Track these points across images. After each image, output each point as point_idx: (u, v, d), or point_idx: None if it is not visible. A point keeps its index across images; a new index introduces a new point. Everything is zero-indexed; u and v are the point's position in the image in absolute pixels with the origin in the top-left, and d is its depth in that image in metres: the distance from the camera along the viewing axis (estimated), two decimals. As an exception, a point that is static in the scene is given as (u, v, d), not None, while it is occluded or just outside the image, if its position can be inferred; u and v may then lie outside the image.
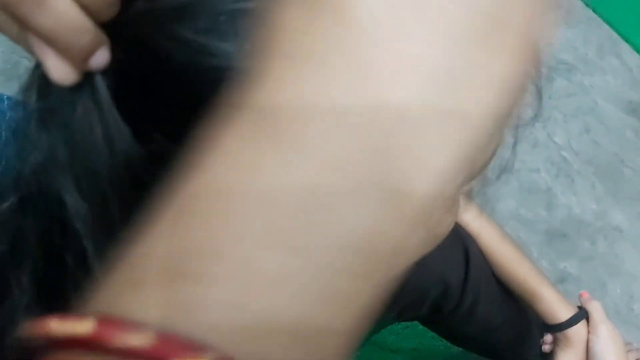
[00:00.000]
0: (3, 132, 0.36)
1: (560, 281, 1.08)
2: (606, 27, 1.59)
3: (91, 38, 0.22)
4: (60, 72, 0.23)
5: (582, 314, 0.67)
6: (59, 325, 0.14)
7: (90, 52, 0.23)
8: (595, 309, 0.68)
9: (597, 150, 1.29)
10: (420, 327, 0.79)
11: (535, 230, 1.15)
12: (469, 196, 0.37)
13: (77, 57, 0.22)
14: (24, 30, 0.22)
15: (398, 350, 0.87)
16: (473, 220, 0.70)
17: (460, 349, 0.82)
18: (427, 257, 0.36)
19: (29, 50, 0.23)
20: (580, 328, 0.66)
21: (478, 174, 0.31)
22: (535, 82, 0.29)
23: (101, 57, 0.23)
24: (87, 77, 0.24)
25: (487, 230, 0.69)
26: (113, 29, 0.23)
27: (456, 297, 0.67)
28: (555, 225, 1.16)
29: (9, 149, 0.34)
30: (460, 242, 0.67)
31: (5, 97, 0.44)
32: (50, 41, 0.21)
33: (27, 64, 0.29)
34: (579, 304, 0.70)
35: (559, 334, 0.67)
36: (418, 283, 0.62)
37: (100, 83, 0.24)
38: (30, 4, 0.20)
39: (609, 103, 1.40)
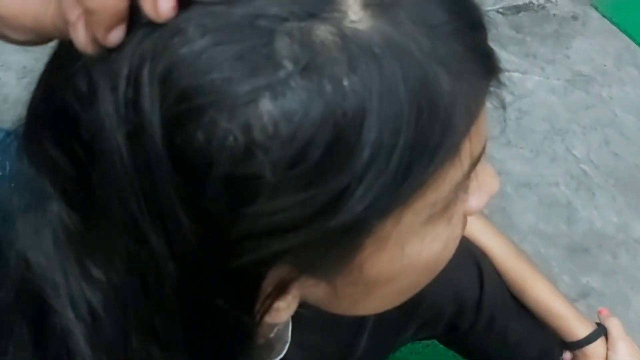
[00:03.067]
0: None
1: (583, 296, 1.06)
2: (624, 37, 1.58)
3: (120, 6, 0.23)
4: (85, 39, 0.24)
5: (600, 331, 0.66)
6: None
7: (114, 24, 0.24)
8: (614, 325, 0.67)
9: (618, 162, 1.27)
10: (441, 346, 0.79)
11: (556, 245, 1.14)
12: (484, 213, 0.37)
13: (103, 21, 0.23)
14: None
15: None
16: (486, 237, 0.70)
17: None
18: (440, 276, 0.37)
19: (57, 27, 0.25)
20: (598, 345, 0.65)
21: None
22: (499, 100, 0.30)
23: (119, 33, 0.24)
24: None
25: (500, 246, 0.69)
26: None
27: (472, 316, 0.67)
28: (576, 239, 1.14)
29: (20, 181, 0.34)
30: (472, 259, 0.67)
31: (17, 129, 0.47)
32: None
33: None
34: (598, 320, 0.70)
35: (577, 352, 0.67)
36: (432, 302, 0.63)
37: None
38: None
39: (628, 114, 1.38)
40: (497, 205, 1.20)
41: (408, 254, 0.29)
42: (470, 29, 0.27)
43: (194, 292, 0.27)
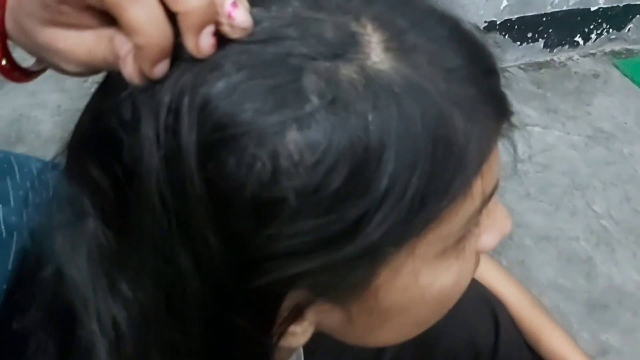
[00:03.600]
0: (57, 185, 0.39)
1: (601, 354, 1.04)
2: (645, 96, 1.60)
3: (166, 42, 0.26)
4: (133, 72, 0.26)
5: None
6: None
7: (159, 59, 0.26)
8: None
9: (638, 219, 1.27)
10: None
11: (575, 300, 1.12)
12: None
13: (149, 56, 0.25)
14: (112, 33, 0.26)
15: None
16: (502, 285, 0.70)
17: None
18: (456, 321, 0.38)
19: (107, 61, 0.27)
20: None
21: None
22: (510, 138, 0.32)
23: (163, 67, 0.26)
24: None
25: (517, 295, 0.69)
26: None
27: (486, 364, 0.66)
28: (595, 295, 1.13)
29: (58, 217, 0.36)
30: (488, 307, 0.67)
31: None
32: (136, 33, 0.25)
33: None
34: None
35: (594, 407, 0.65)
36: (448, 346, 0.62)
37: None
38: None
39: (649, 172, 1.38)
40: (516, 258, 1.20)
41: (421, 284, 0.31)
42: (484, 74, 0.29)
43: (216, 311, 0.28)
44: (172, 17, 0.25)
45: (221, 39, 0.26)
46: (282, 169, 0.25)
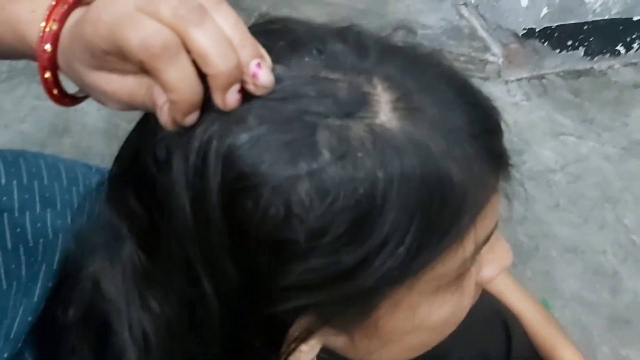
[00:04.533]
0: (99, 203, 0.43)
1: (621, 369, 1.05)
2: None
3: (197, 98, 0.29)
4: (167, 119, 0.30)
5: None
6: None
7: (190, 111, 0.29)
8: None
9: (669, 236, 1.26)
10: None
11: (597, 314, 1.13)
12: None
13: (182, 109, 0.29)
14: (151, 82, 0.30)
15: None
16: (516, 299, 0.71)
17: None
18: (466, 335, 0.40)
19: (146, 106, 0.31)
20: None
21: None
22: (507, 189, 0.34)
23: (193, 118, 0.30)
24: None
25: (530, 309, 0.71)
26: None
27: (498, 376, 0.68)
28: (619, 310, 1.13)
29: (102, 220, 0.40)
30: (501, 320, 0.69)
31: (106, 170, 0.53)
32: (170, 91, 0.29)
33: (125, 125, 0.37)
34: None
35: None
36: (458, 358, 0.65)
37: None
38: (166, 59, 0.28)
39: (684, 187, 1.36)
40: (541, 269, 1.20)
41: (419, 315, 0.34)
42: (484, 134, 0.32)
43: (232, 330, 0.32)
44: (202, 74, 0.29)
45: (246, 94, 0.29)
46: (293, 214, 0.29)
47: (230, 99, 0.29)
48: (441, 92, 0.31)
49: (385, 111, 0.30)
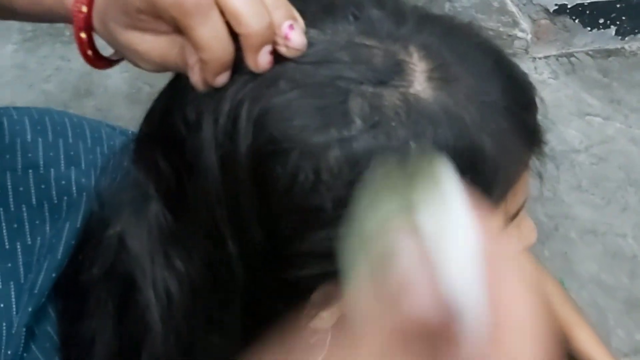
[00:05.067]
0: (125, 163, 0.43)
1: (635, 352, 1.04)
2: None
3: (228, 58, 0.29)
4: (198, 80, 0.30)
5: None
6: None
7: (220, 71, 0.29)
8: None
9: (692, 222, 1.24)
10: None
11: (614, 297, 1.12)
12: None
13: (213, 69, 0.29)
14: (183, 41, 0.29)
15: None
16: (537, 280, 0.71)
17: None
18: None
19: (178, 66, 0.31)
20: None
21: None
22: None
23: (224, 78, 0.30)
24: None
25: (548, 290, 0.71)
26: None
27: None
28: (636, 294, 1.12)
29: (123, 183, 0.40)
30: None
31: (130, 132, 0.54)
32: (202, 49, 0.28)
33: (148, 89, 0.37)
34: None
35: (614, 405, 0.67)
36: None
37: None
38: (198, 16, 0.27)
39: None
40: (560, 249, 1.19)
41: None
42: (519, 108, 0.31)
43: (254, 292, 0.32)
44: (234, 34, 0.28)
45: (278, 58, 0.29)
46: (322, 181, 0.28)
47: (262, 59, 0.28)
48: (478, 64, 0.31)
49: (420, 80, 0.29)
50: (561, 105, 1.46)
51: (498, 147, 0.30)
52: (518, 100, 0.31)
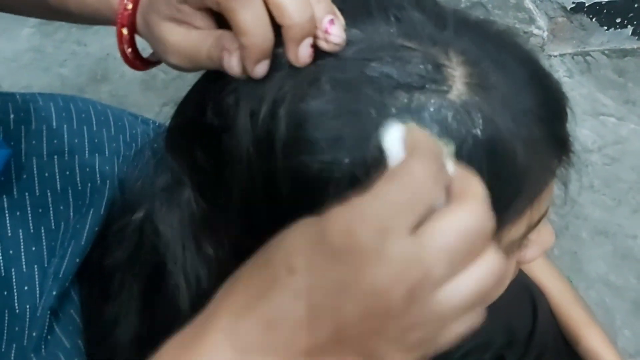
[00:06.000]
0: (147, 152, 0.44)
1: (640, 354, 1.05)
2: None
3: (268, 45, 0.29)
4: (237, 67, 0.30)
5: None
6: None
7: (260, 59, 0.30)
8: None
9: None
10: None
11: (622, 298, 1.12)
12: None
13: (253, 55, 0.29)
14: (221, 32, 0.30)
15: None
16: (547, 278, 0.72)
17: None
18: (494, 305, 0.41)
19: (210, 59, 0.31)
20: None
21: None
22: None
23: (263, 67, 0.30)
24: None
25: (559, 289, 0.71)
26: None
27: (521, 349, 0.69)
28: (645, 296, 1.12)
29: (149, 167, 0.41)
30: (529, 295, 0.69)
31: (151, 120, 0.54)
32: (243, 33, 0.29)
33: (163, 76, 0.37)
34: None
35: (620, 405, 0.67)
36: (483, 329, 0.65)
37: None
38: (242, 0, 0.28)
39: None
40: (569, 249, 1.19)
41: None
42: (552, 118, 0.32)
43: None
44: (275, 26, 0.29)
45: (317, 53, 0.30)
46: (359, 182, 0.29)
47: (302, 52, 0.29)
48: (515, 72, 0.31)
49: (458, 86, 0.30)
50: (575, 104, 1.45)
51: (529, 155, 0.30)
52: (551, 110, 0.32)
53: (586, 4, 1.50)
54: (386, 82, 0.29)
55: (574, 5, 1.49)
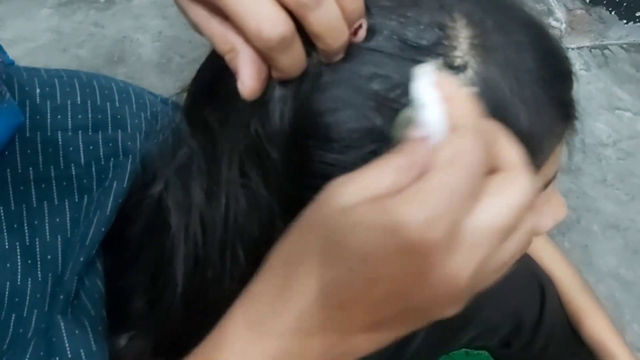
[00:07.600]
0: (166, 130, 0.44)
1: (649, 348, 1.05)
2: None
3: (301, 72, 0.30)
4: (248, 83, 0.30)
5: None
6: None
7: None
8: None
9: None
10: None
11: (632, 292, 1.12)
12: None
13: (284, 78, 0.30)
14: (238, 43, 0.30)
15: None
16: (555, 265, 0.72)
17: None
18: (502, 292, 0.41)
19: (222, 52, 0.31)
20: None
21: None
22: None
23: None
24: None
25: (567, 276, 0.71)
26: None
27: (527, 336, 0.69)
28: (654, 291, 1.12)
29: (167, 143, 0.42)
30: (537, 283, 0.69)
31: (169, 100, 0.55)
32: (282, 72, 0.29)
33: (178, 60, 0.38)
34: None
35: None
36: (491, 315, 0.66)
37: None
38: (282, 50, 0.28)
39: None
40: (580, 242, 1.19)
41: None
42: (555, 79, 0.32)
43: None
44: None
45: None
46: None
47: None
48: (517, 34, 0.32)
49: (462, 47, 0.30)
50: (591, 97, 1.45)
51: (532, 117, 0.31)
52: (555, 71, 0.32)
53: (605, -3, 1.49)
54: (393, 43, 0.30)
55: (593, -3, 1.48)
